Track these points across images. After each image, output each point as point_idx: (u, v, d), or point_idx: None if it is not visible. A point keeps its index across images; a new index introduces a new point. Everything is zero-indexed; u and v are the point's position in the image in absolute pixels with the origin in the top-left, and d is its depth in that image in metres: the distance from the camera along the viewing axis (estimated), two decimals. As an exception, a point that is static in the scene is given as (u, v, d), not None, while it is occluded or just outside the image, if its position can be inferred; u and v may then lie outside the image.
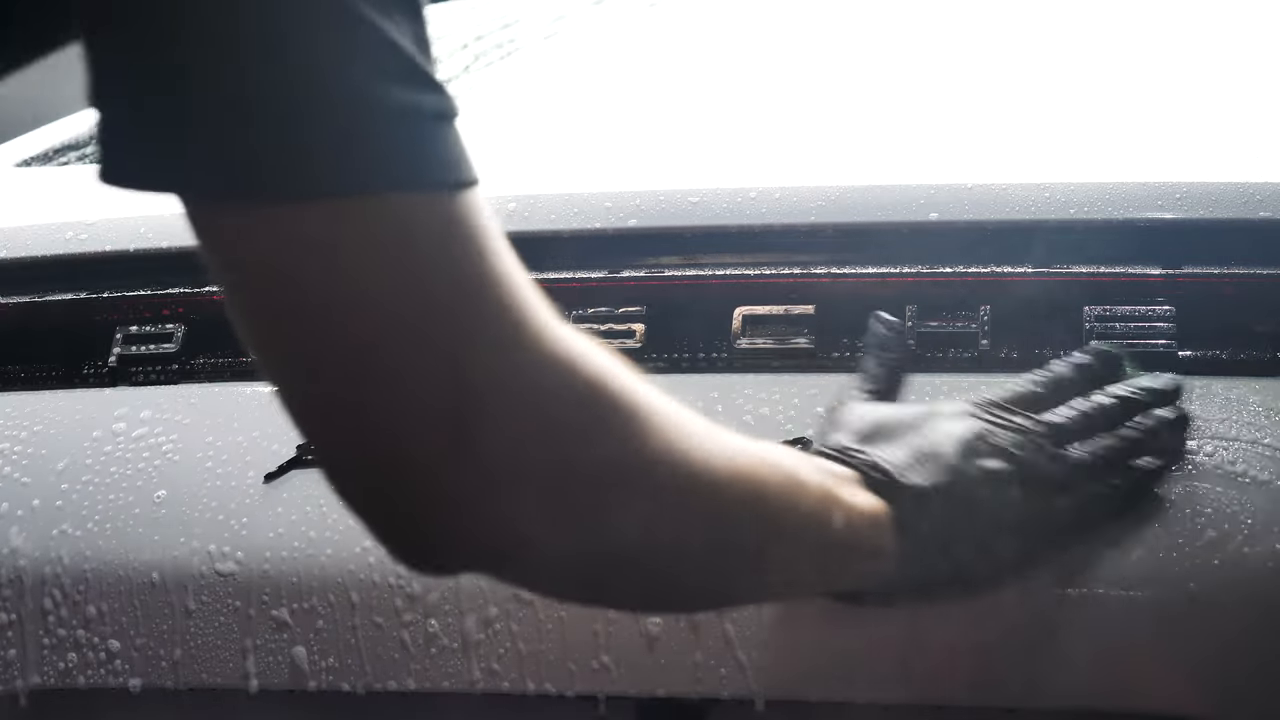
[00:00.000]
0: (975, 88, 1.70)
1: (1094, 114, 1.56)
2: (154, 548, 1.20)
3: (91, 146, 1.84)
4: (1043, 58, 1.79)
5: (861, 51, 1.91)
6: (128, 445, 1.25)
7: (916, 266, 1.21)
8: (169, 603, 1.19)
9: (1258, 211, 1.18)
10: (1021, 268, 1.20)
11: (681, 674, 1.11)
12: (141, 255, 1.35)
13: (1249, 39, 1.78)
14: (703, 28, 2.07)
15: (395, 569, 1.15)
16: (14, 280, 1.38)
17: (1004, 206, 1.21)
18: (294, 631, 1.17)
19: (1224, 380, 1.14)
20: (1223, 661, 1.07)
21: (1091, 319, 1.18)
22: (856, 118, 1.63)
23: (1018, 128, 1.53)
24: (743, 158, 1.42)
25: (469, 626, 1.15)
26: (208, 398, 1.28)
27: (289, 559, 1.17)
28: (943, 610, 1.07)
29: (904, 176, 1.27)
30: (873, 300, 1.21)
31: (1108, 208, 1.20)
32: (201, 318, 1.33)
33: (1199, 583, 1.07)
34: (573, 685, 1.14)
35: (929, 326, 1.20)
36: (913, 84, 1.73)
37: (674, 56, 1.95)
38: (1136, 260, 1.19)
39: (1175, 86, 1.65)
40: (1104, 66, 1.74)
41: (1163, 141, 1.42)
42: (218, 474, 1.22)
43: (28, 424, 1.28)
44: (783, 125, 1.62)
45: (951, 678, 1.09)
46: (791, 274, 1.23)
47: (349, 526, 1.16)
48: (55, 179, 1.72)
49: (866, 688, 1.09)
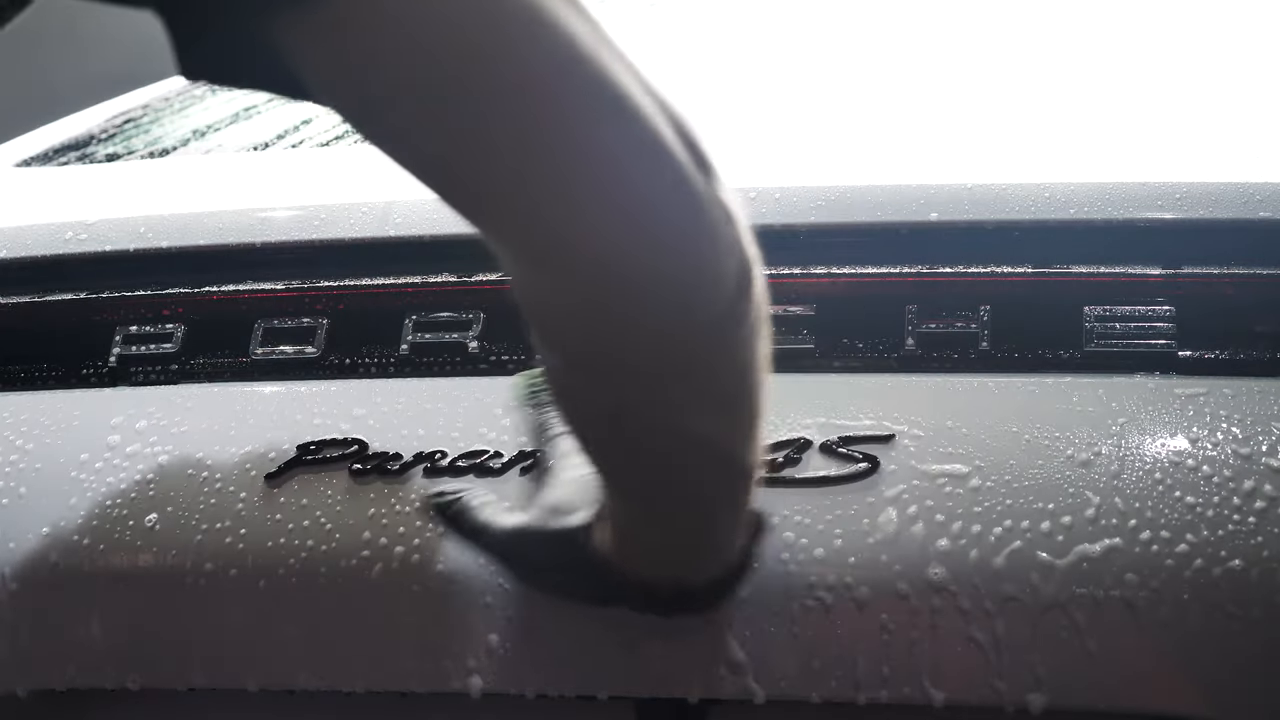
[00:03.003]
0: (975, 88, 1.70)
1: (1094, 114, 1.56)
2: (154, 548, 1.20)
3: (92, 146, 1.84)
4: (1043, 58, 1.79)
5: (862, 51, 1.91)
6: (126, 446, 1.25)
7: (916, 266, 1.21)
8: (169, 603, 1.19)
9: (1258, 211, 1.18)
10: (1021, 268, 1.20)
11: (681, 674, 1.12)
12: (141, 255, 1.35)
13: (1249, 39, 1.78)
14: (702, 28, 2.07)
15: (395, 569, 1.15)
16: (14, 280, 1.38)
17: (1004, 206, 1.21)
18: (294, 631, 1.17)
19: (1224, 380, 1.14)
20: (1223, 661, 1.07)
21: (1091, 319, 1.18)
22: (856, 118, 1.63)
23: (1018, 128, 1.53)
24: (743, 158, 1.42)
25: (469, 626, 1.14)
26: (208, 398, 1.28)
27: (289, 559, 1.17)
28: (942, 610, 1.07)
29: (904, 176, 1.27)
30: (873, 300, 1.21)
31: (1108, 208, 1.20)
32: (201, 318, 1.33)
33: (1199, 583, 1.07)
34: (573, 685, 1.14)
35: (929, 326, 1.20)
36: (913, 84, 1.73)
37: (674, 56, 1.95)
38: (1136, 260, 1.19)
39: (1175, 86, 1.65)
40: (1104, 66, 1.74)
41: (1163, 141, 1.42)
42: (218, 474, 1.22)
43: (27, 424, 1.28)
44: (783, 125, 1.63)
45: (951, 677, 1.09)
46: (791, 274, 1.23)
47: (349, 526, 1.17)
48: (55, 179, 1.72)
49: (867, 688, 1.10)
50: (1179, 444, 1.11)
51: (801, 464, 1.13)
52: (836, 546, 1.10)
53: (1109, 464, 1.10)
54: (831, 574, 1.10)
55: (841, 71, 1.83)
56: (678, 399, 0.95)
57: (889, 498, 1.11)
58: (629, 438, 0.99)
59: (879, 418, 1.15)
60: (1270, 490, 1.08)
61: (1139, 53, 1.78)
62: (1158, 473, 1.10)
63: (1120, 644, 1.07)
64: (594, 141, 0.86)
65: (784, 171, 1.32)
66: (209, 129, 1.87)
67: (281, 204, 1.39)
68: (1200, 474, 1.09)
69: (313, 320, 1.31)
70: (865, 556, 1.10)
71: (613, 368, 0.94)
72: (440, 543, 1.14)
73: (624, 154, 0.87)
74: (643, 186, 0.88)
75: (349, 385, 1.27)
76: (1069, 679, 1.07)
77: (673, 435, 0.97)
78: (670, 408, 0.95)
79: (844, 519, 1.11)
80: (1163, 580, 1.07)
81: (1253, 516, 1.07)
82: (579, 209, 0.87)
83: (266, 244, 1.33)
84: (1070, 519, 1.09)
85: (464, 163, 0.87)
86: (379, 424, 1.22)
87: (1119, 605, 1.07)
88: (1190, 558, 1.07)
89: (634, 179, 0.87)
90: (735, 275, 0.91)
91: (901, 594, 1.09)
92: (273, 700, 1.20)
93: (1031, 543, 1.09)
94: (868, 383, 1.19)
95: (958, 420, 1.14)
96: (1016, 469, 1.11)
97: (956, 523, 1.09)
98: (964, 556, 1.09)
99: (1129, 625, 1.07)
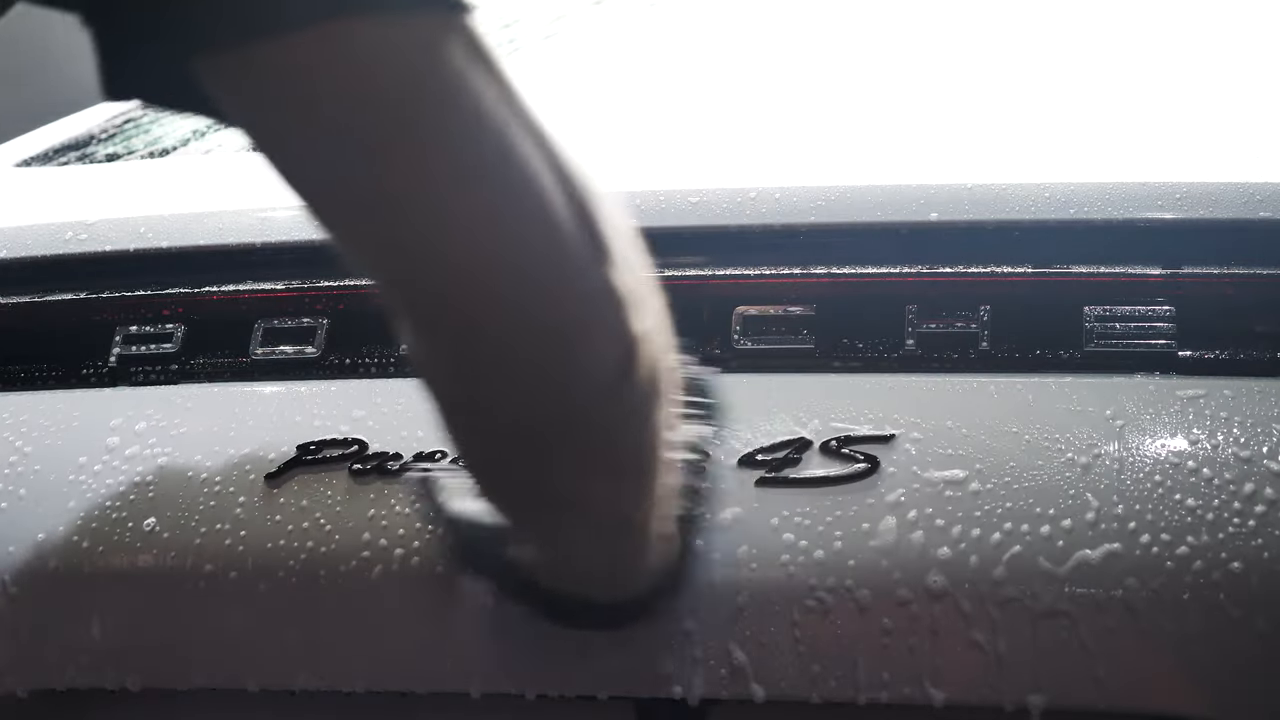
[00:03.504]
0: (975, 87, 1.70)
1: (1094, 114, 1.56)
2: (154, 548, 1.20)
3: (92, 146, 1.84)
4: (1043, 57, 1.79)
5: (861, 51, 1.90)
6: (126, 446, 1.25)
7: (916, 266, 1.21)
8: (169, 603, 1.19)
9: (1258, 211, 1.18)
10: (1021, 268, 1.20)
11: (681, 674, 1.11)
12: (141, 255, 1.35)
13: (1249, 39, 1.78)
14: (702, 28, 2.07)
15: (395, 569, 1.15)
16: (14, 280, 1.38)
17: (1004, 206, 1.21)
18: (294, 631, 1.17)
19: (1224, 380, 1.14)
20: (1223, 662, 1.07)
21: (1091, 319, 1.18)
22: (856, 117, 1.63)
23: (1018, 128, 1.53)
24: (743, 158, 1.42)
25: (469, 626, 1.14)
26: (208, 398, 1.28)
27: (289, 559, 1.17)
28: (943, 610, 1.07)
29: (904, 176, 1.27)
30: (873, 300, 1.21)
31: (1108, 208, 1.20)
32: (201, 318, 1.33)
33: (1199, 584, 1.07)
34: (573, 685, 1.14)
35: (929, 326, 1.20)
36: (912, 83, 1.73)
37: (674, 56, 1.95)
38: (1136, 260, 1.19)
39: (1175, 86, 1.65)
40: (1104, 66, 1.74)
41: (1163, 141, 1.42)
42: (218, 474, 1.22)
43: (27, 424, 1.28)
44: (783, 125, 1.62)
45: (951, 677, 1.09)
46: (791, 274, 1.23)
47: (349, 526, 1.17)
48: (55, 179, 1.71)
49: (867, 687, 1.10)
50: (1179, 444, 1.11)
51: (801, 464, 1.13)
52: (836, 547, 1.10)
53: (1109, 464, 1.10)
54: (831, 575, 1.10)
55: (842, 71, 1.83)
56: (555, 463, 0.96)
57: (889, 498, 1.11)
58: (506, 487, 1.00)
59: (879, 418, 1.15)
60: (1271, 493, 1.08)
61: (1139, 52, 1.78)
62: (1158, 474, 1.10)
63: (1121, 644, 1.07)
64: (470, 217, 0.86)
65: (784, 171, 1.32)
66: (209, 129, 1.87)
67: (281, 204, 1.38)
68: (1200, 475, 1.09)
69: (313, 320, 1.31)
70: (865, 557, 1.10)
71: (483, 427, 0.95)
72: (440, 543, 1.14)
73: (500, 232, 0.87)
74: (514, 267, 0.87)
75: (349, 385, 1.27)
76: (1069, 679, 1.07)
77: (551, 493, 0.98)
78: (548, 470, 0.96)
79: (844, 519, 1.11)
80: (1163, 581, 1.07)
81: (1252, 519, 1.07)
82: (450, 276, 0.87)
83: (266, 244, 1.33)
84: (1070, 520, 1.09)
85: (340, 208, 0.88)
86: (379, 424, 1.22)
87: (1119, 605, 1.07)
88: (1190, 559, 1.07)
89: (506, 259, 0.87)
90: (615, 360, 0.91)
91: (902, 594, 1.09)
92: (273, 700, 1.20)
93: (1032, 544, 1.08)
94: (868, 383, 1.19)
95: (958, 420, 1.14)
96: (1016, 470, 1.11)
97: (957, 525, 1.09)
98: (965, 558, 1.09)
99: (1129, 626, 1.07)
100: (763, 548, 1.10)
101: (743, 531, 1.12)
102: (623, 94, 1.85)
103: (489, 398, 0.93)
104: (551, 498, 0.98)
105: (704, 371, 1.15)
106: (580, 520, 1.00)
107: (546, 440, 0.94)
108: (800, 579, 1.10)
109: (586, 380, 0.91)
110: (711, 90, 1.78)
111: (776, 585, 1.10)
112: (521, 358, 0.89)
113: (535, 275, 0.88)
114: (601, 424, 0.94)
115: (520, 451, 0.95)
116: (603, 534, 1.02)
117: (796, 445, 1.14)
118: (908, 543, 1.09)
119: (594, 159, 1.47)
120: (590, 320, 0.90)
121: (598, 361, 0.90)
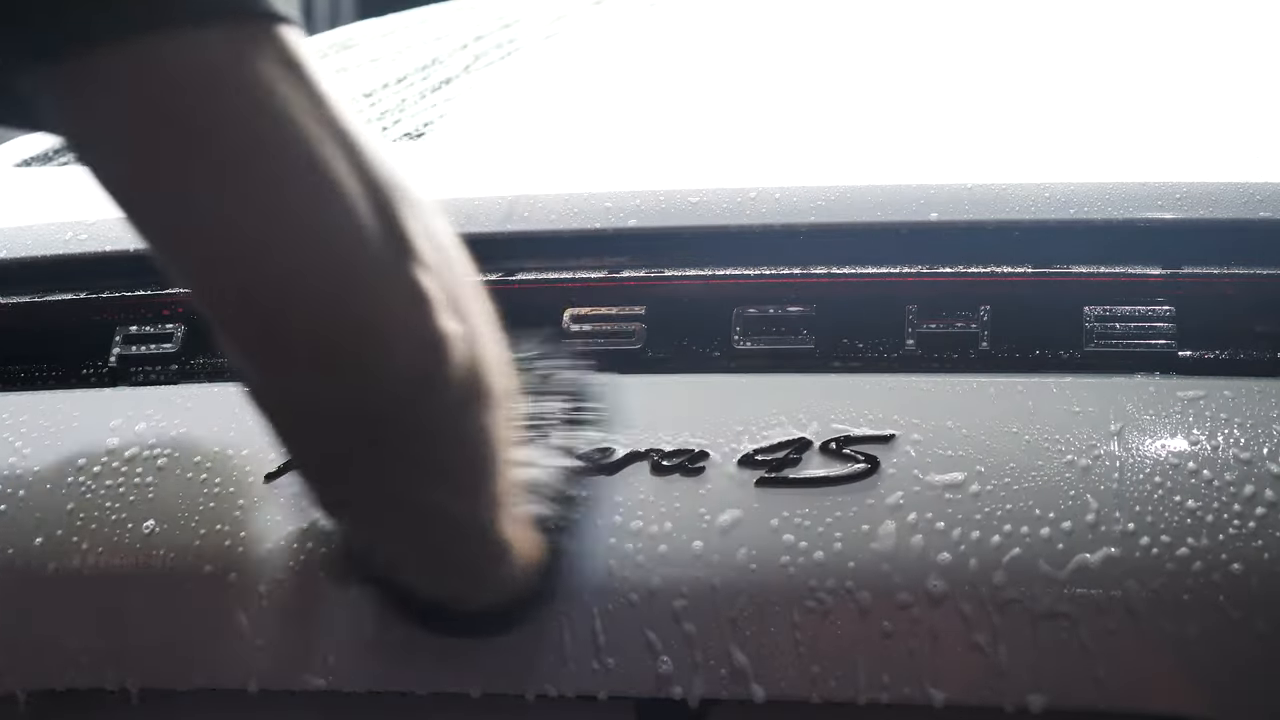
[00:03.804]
0: (975, 87, 1.70)
1: (1094, 114, 1.56)
2: (153, 547, 1.20)
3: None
4: (1043, 57, 1.79)
5: (861, 51, 1.91)
6: (126, 446, 1.25)
7: (916, 266, 1.21)
8: (169, 603, 1.19)
9: (1258, 211, 1.18)
10: (1021, 268, 1.20)
11: (681, 674, 1.11)
12: (141, 255, 1.33)
13: (1249, 39, 1.78)
14: (702, 28, 2.07)
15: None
16: (14, 280, 1.38)
17: (1004, 206, 1.21)
18: (294, 631, 1.17)
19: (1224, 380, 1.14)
20: (1223, 662, 1.07)
21: (1091, 319, 1.18)
22: (856, 117, 1.63)
23: (1018, 128, 1.53)
24: (743, 158, 1.42)
25: (469, 627, 1.14)
26: (208, 398, 1.28)
27: (289, 559, 1.17)
28: (943, 611, 1.08)
29: (904, 176, 1.27)
30: (872, 300, 1.21)
31: (1108, 208, 1.20)
32: (201, 318, 1.32)
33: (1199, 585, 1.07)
34: (573, 685, 1.14)
35: (929, 327, 1.20)
36: (912, 83, 1.73)
37: (674, 56, 1.95)
38: (1136, 260, 1.19)
39: (1175, 86, 1.65)
40: (1104, 66, 1.74)
41: (1163, 141, 1.42)
42: (218, 474, 1.22)
43: (27, 424, 1.28)
44: (783, 125, 1.63)
45: (951, 677, 1.09)
46: (791, 274, 1.23)
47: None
48: (55, 179, 1.71)
49: (867, 687, 1.10)
50: (1179, 445, 1.11)
51: (801, 464, 1.13)
52: (836, 548, 1.10)
53: (1109, 464, 1.10)
54: (831, 575, 1.10)
55: (842, 71, 1.83)
56: (378, 464, 0.97)
57: (889, 499, 1.11)
58: (335, 490, 1.02)
59: (879, 418, 1.15)
60: (1271, 495, 1.08)
61: (1139, 52, 1.78)
62: (1158, 475, 1.10)
63: (1121, 645, 1.07)
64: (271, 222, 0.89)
65: (784, 171, 1.32)
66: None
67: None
68: (1200, 476, 1.09)
69: (313, 320, 1.30)
70: (865, 557, 1.10)
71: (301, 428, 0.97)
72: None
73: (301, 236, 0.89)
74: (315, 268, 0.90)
75: (349, 385, 1.26)
76: (1069, 679, 1.07)
77: (381, 495, 1.00)
78: (372, 471, 0.98)
79: (844, 520, 1.11)
80: (1163, 582, 1.07)
81: (1252, 521, 1.07)
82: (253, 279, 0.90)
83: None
84: (1070, 521, 1.09)
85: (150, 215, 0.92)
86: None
87: (1119, 606, 1.07)
88: (1190, 560, 1.07)
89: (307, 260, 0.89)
90: (420, 357, 0.93)
91: (902, 595, 1.09)
92: (273, 700, 1.20)
93: (1031, 545, 1.08)
94: (867, 383, 1.19)
95: (958, 421, 1.14)
96: (1016, 470, 1.11)
97: (957, 526, 1.09)
98: (965, 558, 1.09)
99: (1130, 627, 1.07)
100: (763, 548, 1.10)
101: (743, 532, 1.12)
102: (623, 94, 1.85)
103: (300, 397, 0.95)
104: (382, 500, 1.00)
105: (597, 377, 1.15)
106: (416, 523, 1.02)
107: (362, 439, 0.96)
108: (800, 579, 1.10)
109: (391, 377, 0.92)
110: (712, 90, 1.78)
111: (776, 586, 1.10)
112: (324, 356, 0.91)
113: (336, 275, 0.90)
114: (415, 422, 0.95)
115: (340, 452, 0.97)
116: (443, 537, 1.03)
117: (796, 446, 1.14)
118: (908, 543, 1.09)
119: (595, 159, 1.47)
120: (392, 318, 0.91)
121: (402, 359, 0.92)
